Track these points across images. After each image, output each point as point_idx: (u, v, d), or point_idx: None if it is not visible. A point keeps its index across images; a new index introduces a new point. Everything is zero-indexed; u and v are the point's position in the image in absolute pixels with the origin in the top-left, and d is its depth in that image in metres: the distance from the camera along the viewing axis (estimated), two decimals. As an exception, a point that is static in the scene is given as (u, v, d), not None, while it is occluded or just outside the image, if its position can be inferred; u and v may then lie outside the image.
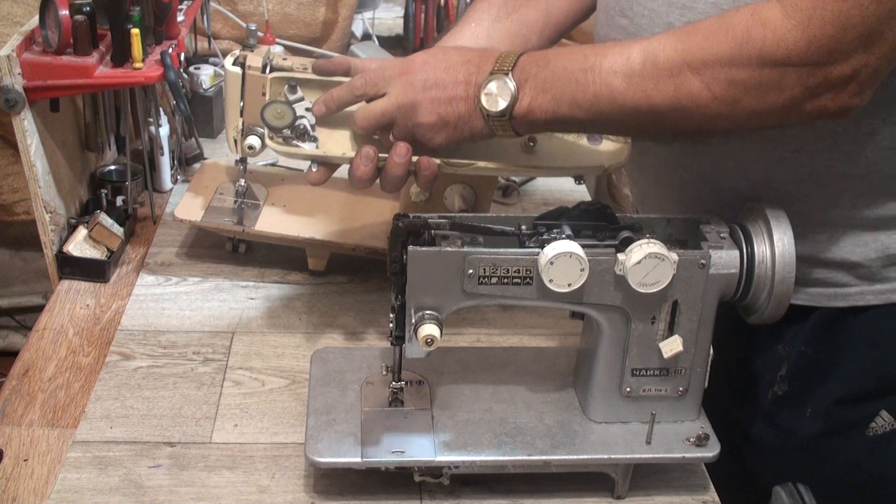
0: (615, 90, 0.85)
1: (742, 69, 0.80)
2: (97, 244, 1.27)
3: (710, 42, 0.81)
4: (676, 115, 0.84)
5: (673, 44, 0.83)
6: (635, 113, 0.85)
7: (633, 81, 0.84)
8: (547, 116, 0.89)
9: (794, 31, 0.77)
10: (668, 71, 0.83)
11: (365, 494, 0.93)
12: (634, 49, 0.85)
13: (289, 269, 1.29)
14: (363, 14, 2.18)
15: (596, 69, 0.86)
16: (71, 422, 1.01)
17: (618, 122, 0.89)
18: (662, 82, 0.83)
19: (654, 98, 0.84)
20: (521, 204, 1.51)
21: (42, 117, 1.20)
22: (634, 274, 0.86)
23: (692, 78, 0.82)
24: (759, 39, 0.79)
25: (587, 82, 0.86)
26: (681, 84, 0.82)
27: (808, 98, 0.80)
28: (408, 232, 0.88)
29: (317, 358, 1.04)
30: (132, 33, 1.15)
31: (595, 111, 0.87)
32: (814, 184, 0.94)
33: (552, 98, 0.88)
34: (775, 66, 0.79)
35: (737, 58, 0.80)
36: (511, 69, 0.89)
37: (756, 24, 0.79)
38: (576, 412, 0.97)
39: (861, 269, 0.98)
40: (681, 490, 0.97)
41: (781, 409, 1.05)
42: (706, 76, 0.81)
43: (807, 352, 1.02)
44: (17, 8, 1.96)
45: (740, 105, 0.82)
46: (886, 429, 1.01)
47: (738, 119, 0.83)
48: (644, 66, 0.83)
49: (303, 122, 1.00)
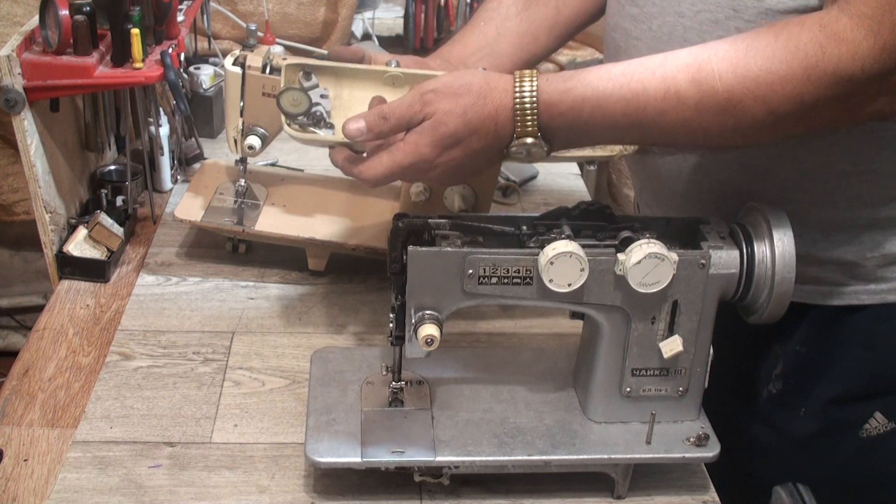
0: (666, 129, 0.81)
1: (814, 88, 0.77)
2: (97, 244, 1.27)
3: (776, 65, 0.77)
4: (737, 138, 0.81)
5: (731, 70, 0.78)
6: (688, 143, 0.83)
7: (687, 118, 0.80)
8: (586, 147, 0.88)
9: (866, 40, 0.75)
10: (728, 103, 0.78)
11: (365, 494, 0.93)
12: (683, 81, 0.79)
13: (289, 269, 1.29)
14: (363, 14, 2.18)
15: (641, 112, 0.80)
16: (71, 422, 1.01)
17: (669, 146, 0.87)
18: (723, 115, 0.79)
19: (713, 130, 0.80)
20: (521, 204, 1.51)
21: (42, 117, 1.20)
22: (634, 274, 0.86)
23: (756, 106, 0.78)
24: (835, 56, 0.76)
25: (631, 126, 0.82)
26: (743, 113, 0.78)
27: (867, 104, 0.78)
28: (408, 232, 0.88)
29: (317, 358, 1.04)
30: (132, 33, 1.15)
31: (642, 143, 0.85)
32: (812, 180, 0.94)
33: (591, 141, 0.86)
34: (849, 81, 0.76)
35: (812, 77, 0.76)
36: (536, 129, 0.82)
37: (829, 40, 0.76)
38: (576, 412, 0.97)
39: (856, 269, 0.98)
40: (681, 490, 0.97)
41: (776, 409, 1.05)
42: (773, 102, 0.77)
43: (801, 351, 1.02)
44: (17, 8, 1.96)
45: (805, 118, 0.79)
46: (881, 430, 1.01)
47: (798, 130, 0.81)
48: (700, 102, 0.79)
49: (318, 109, 0.99)
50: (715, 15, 0.89)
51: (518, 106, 0.83)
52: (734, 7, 0.87)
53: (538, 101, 0.83)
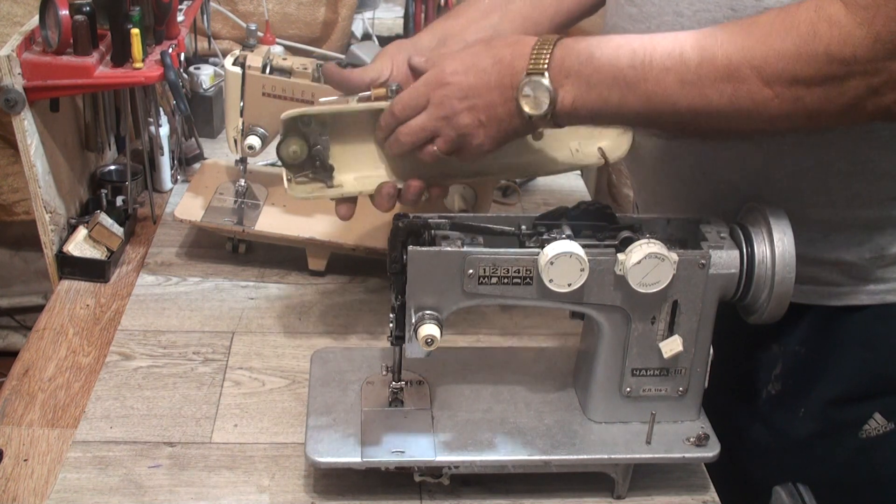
0: (669, 90, 0.81)
1: (807, 65, 0.77)
2: (97, 244, 1.27)
3: (772, 39, 0.78)
4: (736, 114, 0.81)
5: (731, 40, 0.80)
6: (690, 114, 0.82)
7: (688, 81, 0.81)
8: (593, 113, 0.86)
9: (858, 28, 0.75)
10: (726, 70, 0.79)
11: (365, 494, 0.93)
12: (688, 44, 0.81)
13: (289, 269, 1.29)
14: (363, 14, 2.17)
15: (647, 65, 0.82)
16: (71, 422, 1.01)
17: (670, 123, 0.86)
18: (721, 83, 0.80)
19: (712, 98, 0.81)
20: (521, 204, 1.51)
21: (42, 117, 1.20)
22: (634, 274, 0.86)
23: (753, 77, 0.79)
24: (826, 36, 0.76)
25: (637, 80, 0.82)
26: (740, 83, 0.79)
27: (871, 97, 0.78)
28: (408, 232, 0.88)
29: (317, 358, 1.04)
30: (132, 33, 1.15)
31: (645, 110, 0.83)
32: (810, 179, 0.94)
33: (598, 96, 0.85)
34: (841, 63, 0.77)
35: (802, 54, 0.77)
36: (547, 66, 0.85)
37: (821, 20, 0.77)
38: (576, 412, 0.97)
39: (855, 269, 0.98)
40: (681, 490, 0.97)
41: (775, 409, 1.05)
42: (768, 74, 0.78)
43: (800, 351, 1.02)
44: (17, 8, 1.96)
45: (802, 103, 0.79)
46: (880, 431, 1.01)
47: (798, 119, 0.81)
48: (701, 66, 0.80)
49: (318, 150, 1.00)
50: (713, 14, 0.89)
51: (538, 43, 0.86)
52: (732, 6, 0.87)
53: (554, 45, 0.85)
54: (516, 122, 0.88)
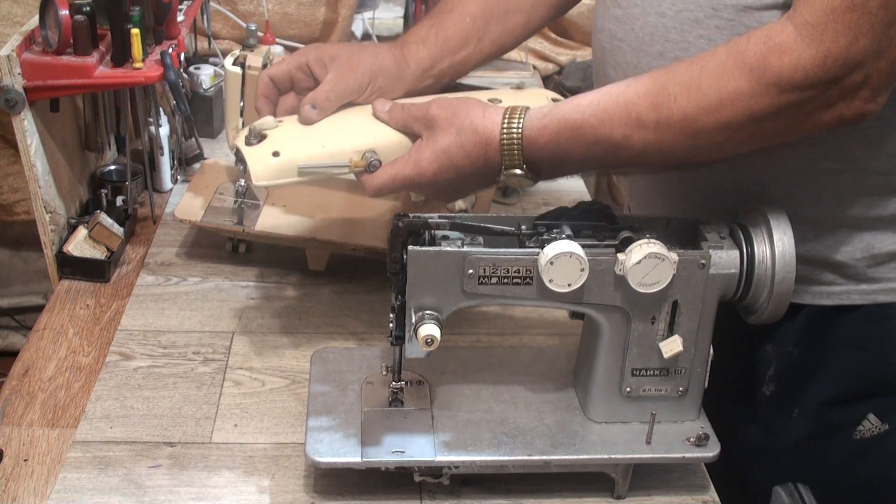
0: (635, 150, 0.85)
1: (761, 100, 0.79)
2: (97, 244, 1.27)
3: (724, 81, 0.80)
4: (699, 155, 0.85)
5: (684, 91, 0.82)
6: (658, 161, 0.88)
7: (650, 140, 0.84)
8: (572, 173, 0.95)
9: (808, 49, 0.77)
10: (683, 122, 0.82)
11: (365, 494, 0.93)
12: (642, 105, 0.83)
13: (289, 269, 1.29)
14: (363, 14, 2.17)
15: (608, 137, 0.85)
16: (71, 422, 1.01)
17: (640, 169, 0.94)
18: (680, 134, 0.83)
19: (675, 149, 0.84)
20: (521, 204, 1.51)
21: (42, 117, 1.20)
22: (634, 274, 0.86)
23: (710, 124, 0.81)
24: (777, 67, 0.78)
25: (604, 154, 0.87)
26: (699, 131, 0.82)
27: (825, 110, 0.80)
28: (408, 232, 0.88)
29: (317, 358, 1.04)
30: (132, 33, 1.15)
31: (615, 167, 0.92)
32: (799, 179, 0.94)
33: (571, 169, 0.93)
34: (794, 90, 0.78)
35: (756, 91, 0.79)
36: (520, 160, 0.89)
37: (771, 52, 0.78)
38: (576, 412, 0.97)
39: (846, 269, 0.98)
40: (681, 490, 0.97)
41: (770, 410, 1.05)
42: (725, 117, 0.81)
43: (794, 352, 1.02)
44: (17, 8, 1.96)
45: (760, 131, 0.82)
46: (874, 432, 1.01)
47: (759, 144, 0.84)
48: (659, 123, 0.83)
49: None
50: (695, 14, 0.90)
51: (506, 141, 0.89)
52: (713, 6, 0.88)
53: (522, 139, 0.89)
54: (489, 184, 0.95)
